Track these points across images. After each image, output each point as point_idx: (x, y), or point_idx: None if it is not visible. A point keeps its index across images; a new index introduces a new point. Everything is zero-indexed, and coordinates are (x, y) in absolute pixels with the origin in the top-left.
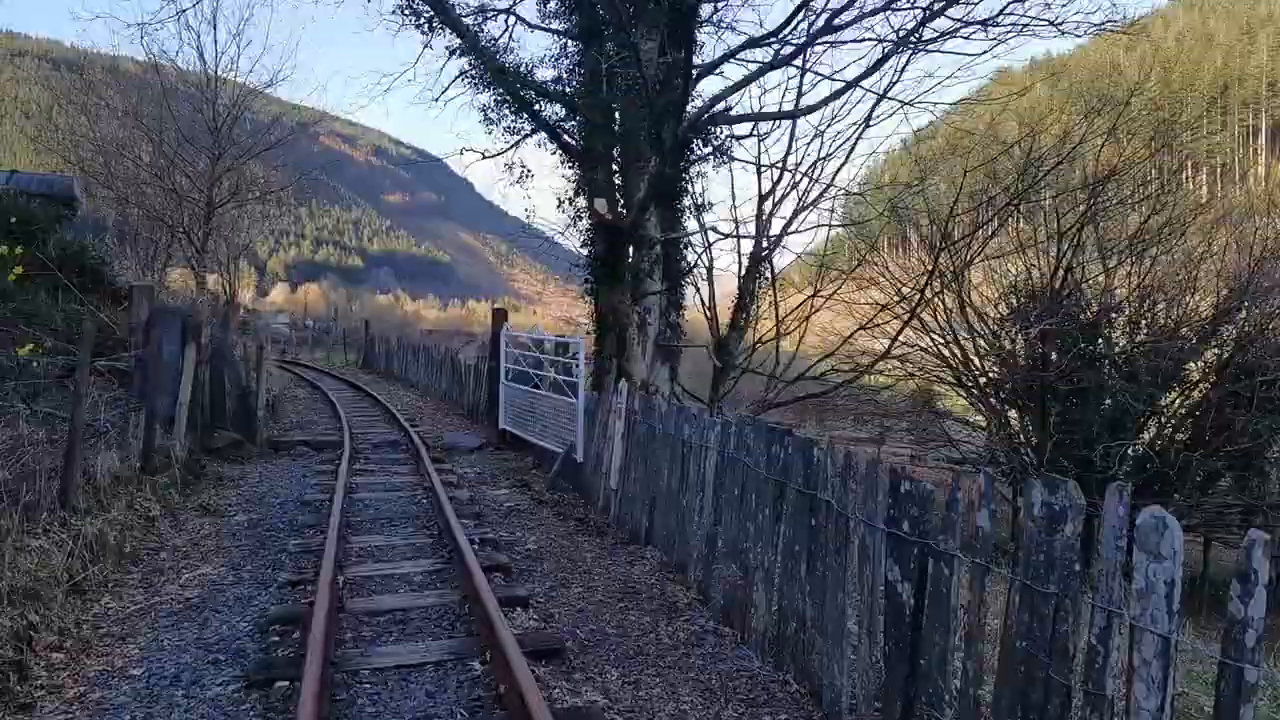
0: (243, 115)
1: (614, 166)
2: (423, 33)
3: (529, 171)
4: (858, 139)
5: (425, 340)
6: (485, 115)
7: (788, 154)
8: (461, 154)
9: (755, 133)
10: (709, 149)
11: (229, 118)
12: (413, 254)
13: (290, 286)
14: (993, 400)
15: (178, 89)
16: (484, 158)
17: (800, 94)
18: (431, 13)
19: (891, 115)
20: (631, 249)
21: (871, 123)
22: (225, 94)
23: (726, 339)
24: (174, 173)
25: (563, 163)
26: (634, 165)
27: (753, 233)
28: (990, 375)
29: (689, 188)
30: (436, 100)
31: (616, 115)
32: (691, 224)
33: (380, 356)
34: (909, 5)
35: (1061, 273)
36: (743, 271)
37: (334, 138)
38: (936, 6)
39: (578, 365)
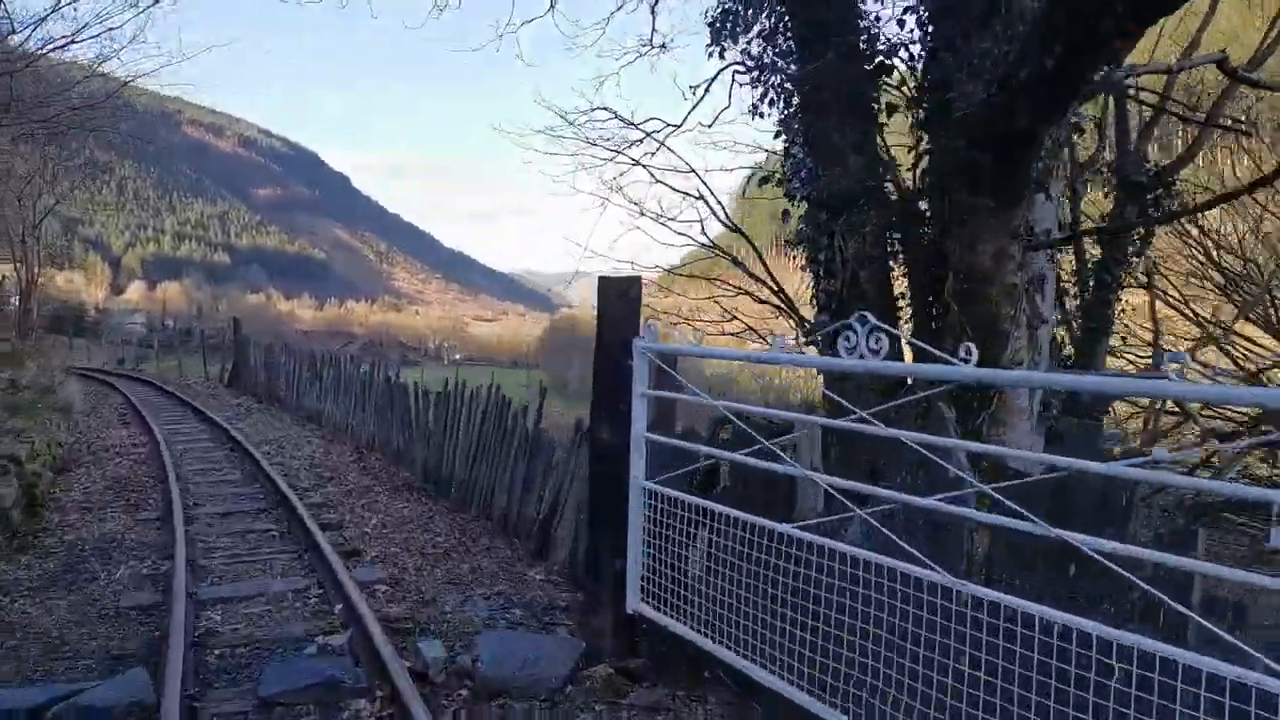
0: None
1: None
2: None
3: None
4: None
5: (328, 345)
6: None
7: None
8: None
9: None
10: None
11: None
12: (285, 251)
13: (148, 284)
14: None
15: None
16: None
17: None
18: None
19: None
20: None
21: None
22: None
23: None
24: None
25: None
26: None
27: None
28: None
29: None
30: None
31: None
32: None
33: (256, 369)
34: None
35: None
36: None
37: (197, 127)
38: None
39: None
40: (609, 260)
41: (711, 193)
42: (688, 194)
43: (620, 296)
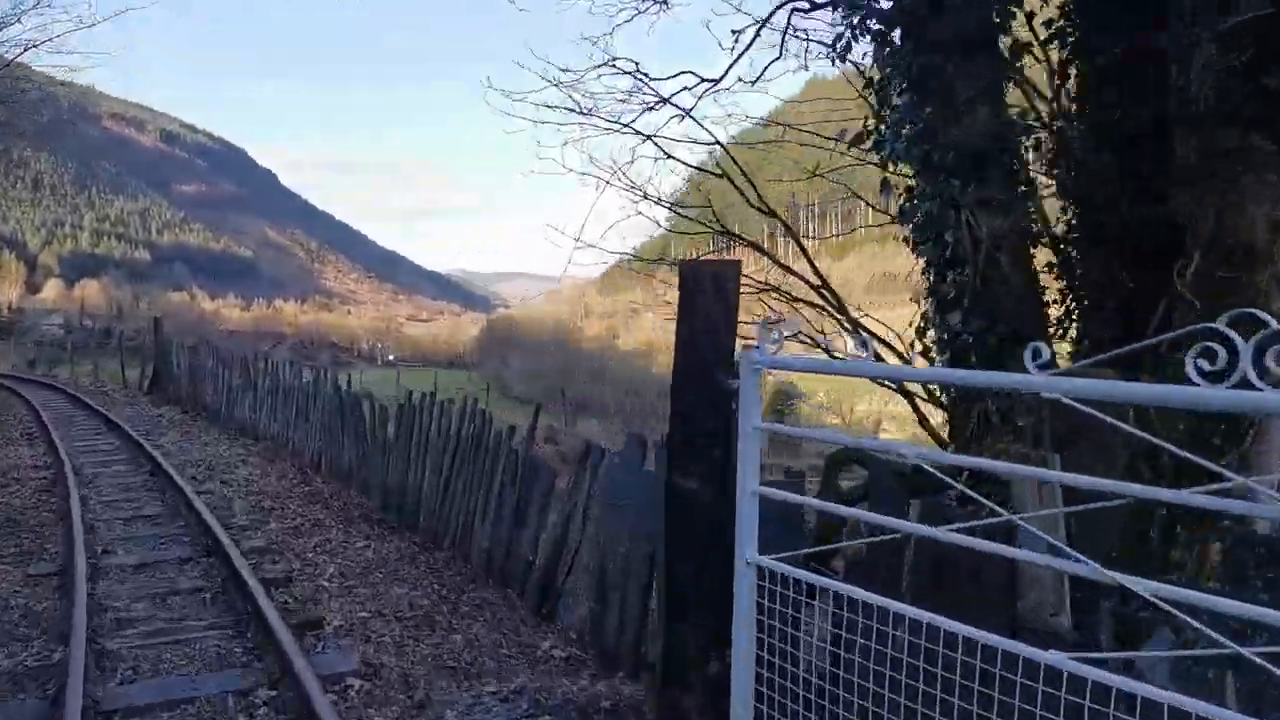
0: None
1: None
2: None
3: None
4: None
5: (256, 346)
6: None
7: None
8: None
9: None
10: None
11: None
12: (210, 249)
13: (66, 283)
14: None
15: None
16: None
17: None
18: None
19: None
20: None
21: None
22: None
23: None
24: None
25: None
26: None
27: None
28: None
29: None
30: None
31: None
32: None
33: (180, 375)
34: None
35: None
36: None
37: (118, 120)
38: None
39: None
40: (599, 255)
41: (741, 170)
42: (705, 170)
43: (715, 288)
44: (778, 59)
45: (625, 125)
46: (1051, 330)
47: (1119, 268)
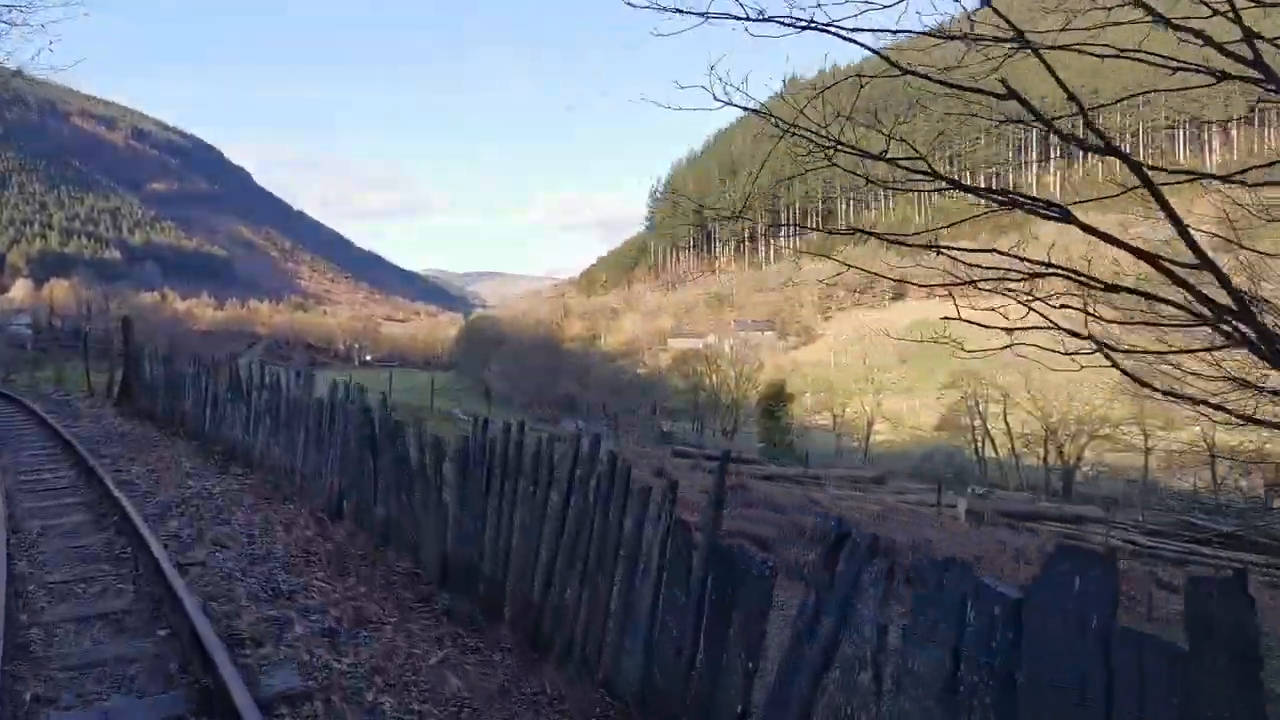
0: None
1: None
2: None
3: None
4: None
5: (229, 347)
6: None
7: None
8: None
9: None
10: None
11: None
12: (182, 248)
13: (35, 282)
14: None
15: None
16: None
17: None
18: None
19: None
20: None
21: None
22: None
23: None
24: None
25: None
26: None
27: None
28: None
29: None
30: None
31: None
32: None
33: (154, 384)
34: None
35: None
36: None
37: (87, 118)
38: None
39: None
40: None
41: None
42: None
43: None
44: None
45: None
46: None
47: None
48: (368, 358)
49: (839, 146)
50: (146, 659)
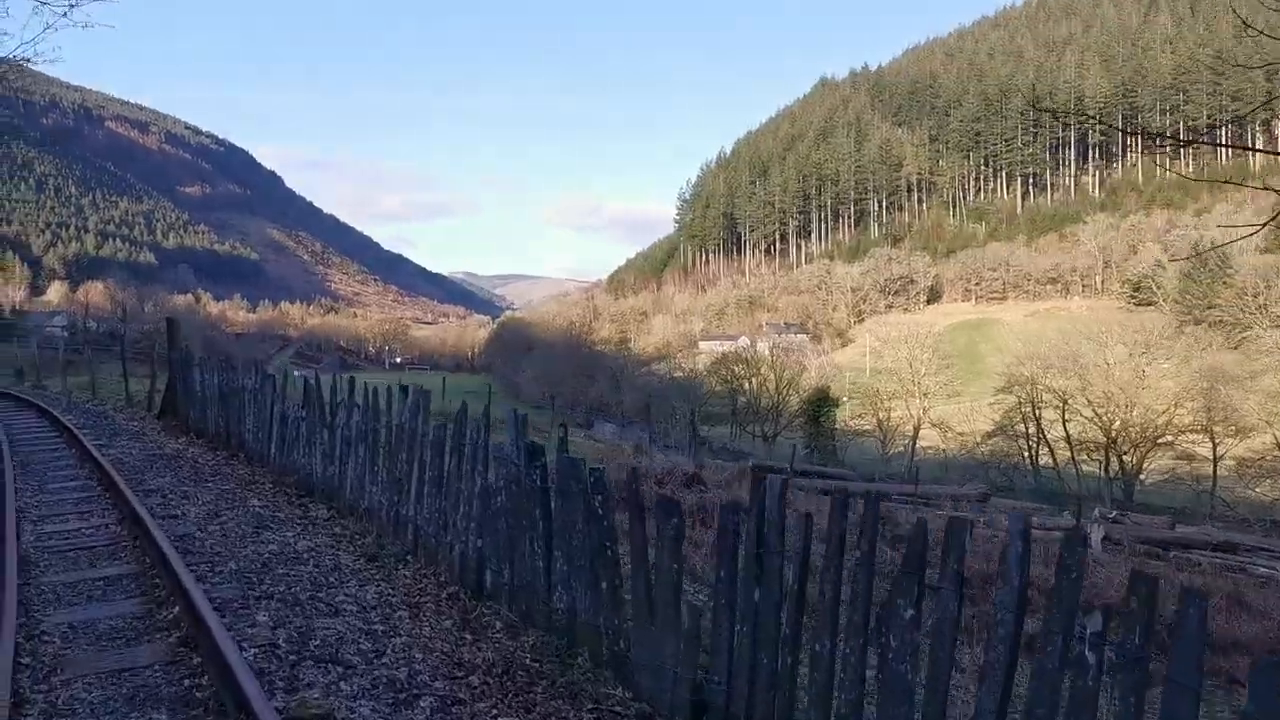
0: None
1: None
2: None
3: None
4: None
5: (262, 349)
6: None
7: None
8: None
9: None
10: None
11: None
12: (215, 250)
13: (70, 285)
14: None
15: None
16: None
17: None
18: None
19: None
20: None
21: None
22: None
23: None
24: None
25: None
26: None
27: None
28: None
29: None
30: None
31: None
32: None
33: (205, 398)
34: None
35: None
36: None
37: (121, 123)
38: None
39: None
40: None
41: None
42: None
43: None
44: None
45: None
46: None
47: None
48: (398, 360)
49: None
50: None
